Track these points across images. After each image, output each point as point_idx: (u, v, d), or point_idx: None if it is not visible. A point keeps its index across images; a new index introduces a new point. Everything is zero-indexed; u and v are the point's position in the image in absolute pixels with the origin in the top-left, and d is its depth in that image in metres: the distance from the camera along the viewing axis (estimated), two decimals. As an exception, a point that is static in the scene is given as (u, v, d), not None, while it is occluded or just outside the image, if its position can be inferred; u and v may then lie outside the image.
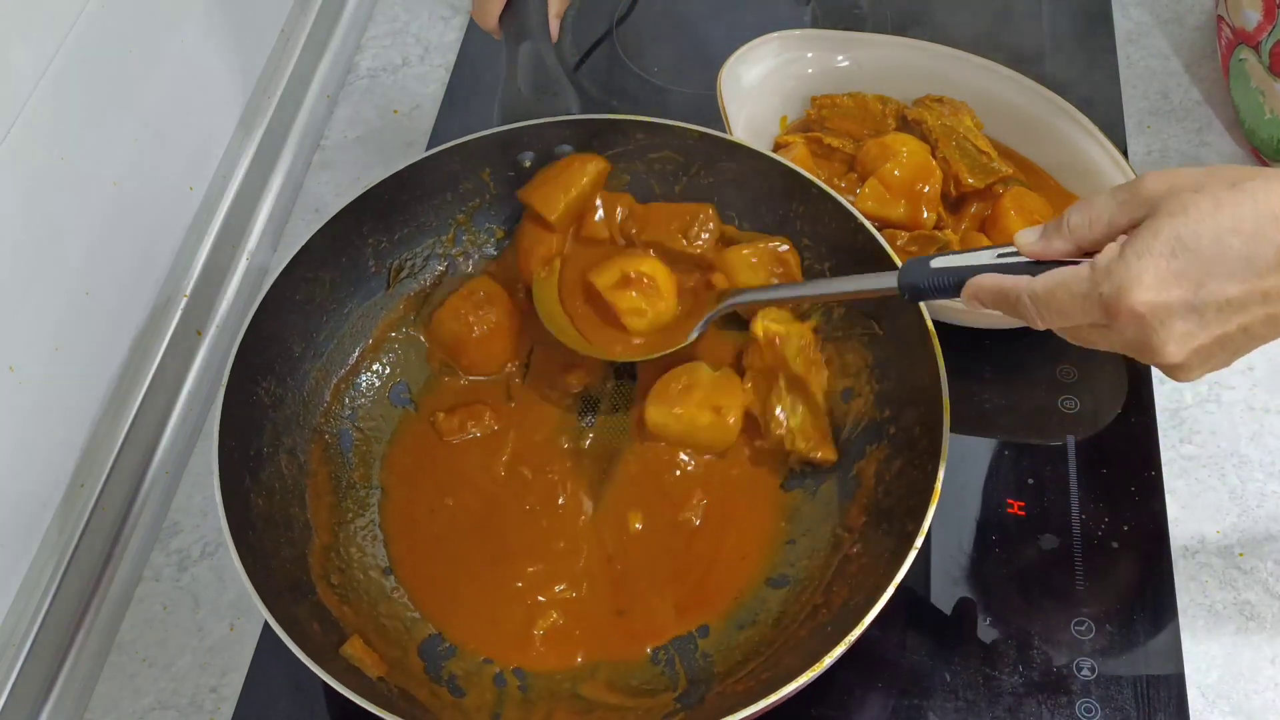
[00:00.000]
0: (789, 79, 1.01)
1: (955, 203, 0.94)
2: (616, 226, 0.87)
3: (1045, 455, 0.86)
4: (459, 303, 0.87)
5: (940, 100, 0.98)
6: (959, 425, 0.82)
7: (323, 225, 0.82)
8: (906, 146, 0.93)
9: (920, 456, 0.74)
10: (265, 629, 0.82)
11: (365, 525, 0.82)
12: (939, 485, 0.70)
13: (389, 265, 0.87)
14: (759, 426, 0.83)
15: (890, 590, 0.67)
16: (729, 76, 0.96)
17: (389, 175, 0.84)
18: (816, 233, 0.84)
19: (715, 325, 0.84)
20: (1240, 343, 0.61)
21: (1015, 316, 0.65)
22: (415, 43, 1.18)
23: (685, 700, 0.74)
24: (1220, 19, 1.04)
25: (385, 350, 0.88)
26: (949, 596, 0.81)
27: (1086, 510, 0.83)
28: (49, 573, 0.79)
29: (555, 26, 0.88)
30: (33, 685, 0.77)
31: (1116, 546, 0.82)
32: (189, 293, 0.93)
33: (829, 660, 0.65)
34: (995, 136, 0.98)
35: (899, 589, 0.67)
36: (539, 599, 0.79)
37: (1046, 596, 0.80)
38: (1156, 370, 0.71)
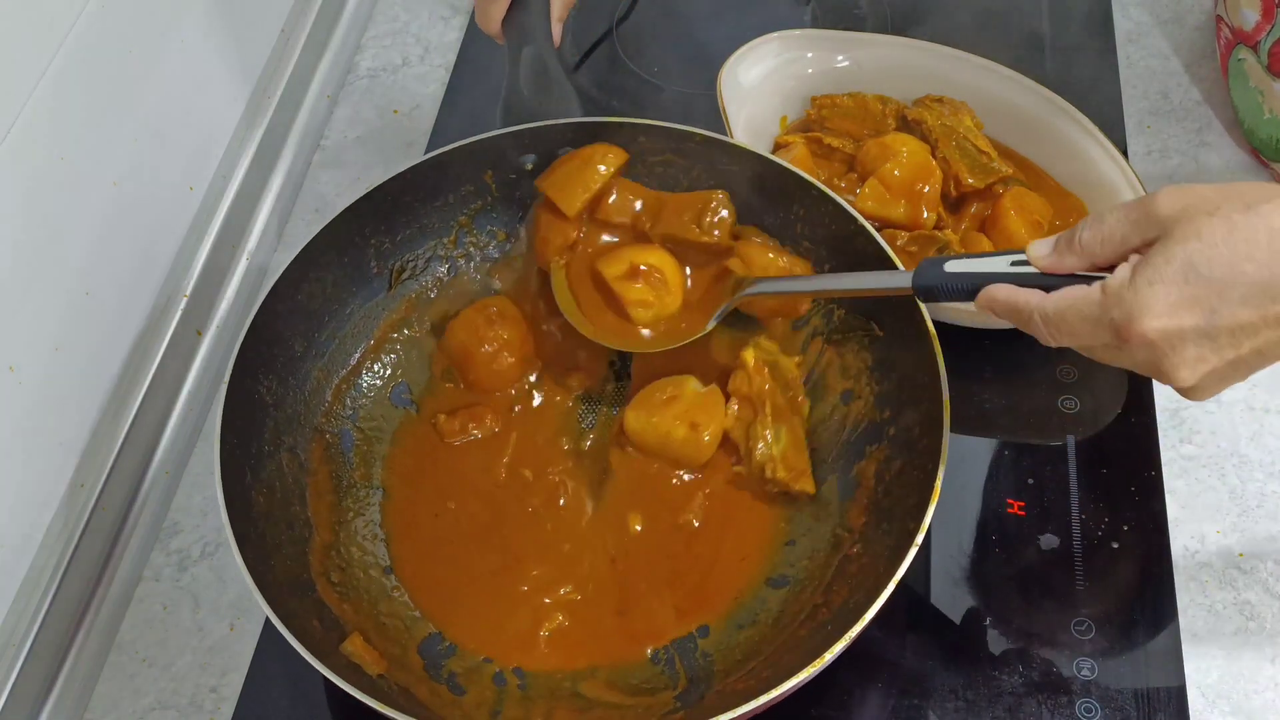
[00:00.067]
0: (789, 79, 1.01)
1: (955, 203, 0.94)
2: (631, 212, 0.86)
3: (1045, 455, 0.86)
4: (473, 315, 0.87)
5: (940, 100, 0.98)
6: (959, 425, 0.82)
7: (325, 226, 0.82)
8: (906, 146, 0.93)
9: (920, 456, 0.74)
10: (265, 629, 0.82)
11: (366, 525, 0.82)
12: (939, 484, 0.70)
13: (391, 266, 0.87)
14: (739, 451, 0.83)
15: (890, 588, 0.67)
16: (729, 76, 0.96)
17: (391, 176, 0.84)
18: (817, 235, 0.84)
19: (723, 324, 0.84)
20: (1254, 364, 0.60)
21: (1027, 331, 0.65)
22: (415, 43, 1.18)
23: (685, 699, 0.74)
24: (1219, 19, 1.04)
25: (386, 351, 0.88)
26: (949, 596, 0.81)
27: (1086, 510, 0.83)
28: (49, 573, 0.79)
29: (558, 31, 0.88)
30: (33, 685, 0.77)
31: (1116, 546, 0.82)
32: (189, 293, 0.93)
33: (829, 656, 0.65)
34: (995, 136, 0.98)
35: (899, 588, 0.67)
36: (544, 601, 0.79)
37: (1046, 596, 0.80)
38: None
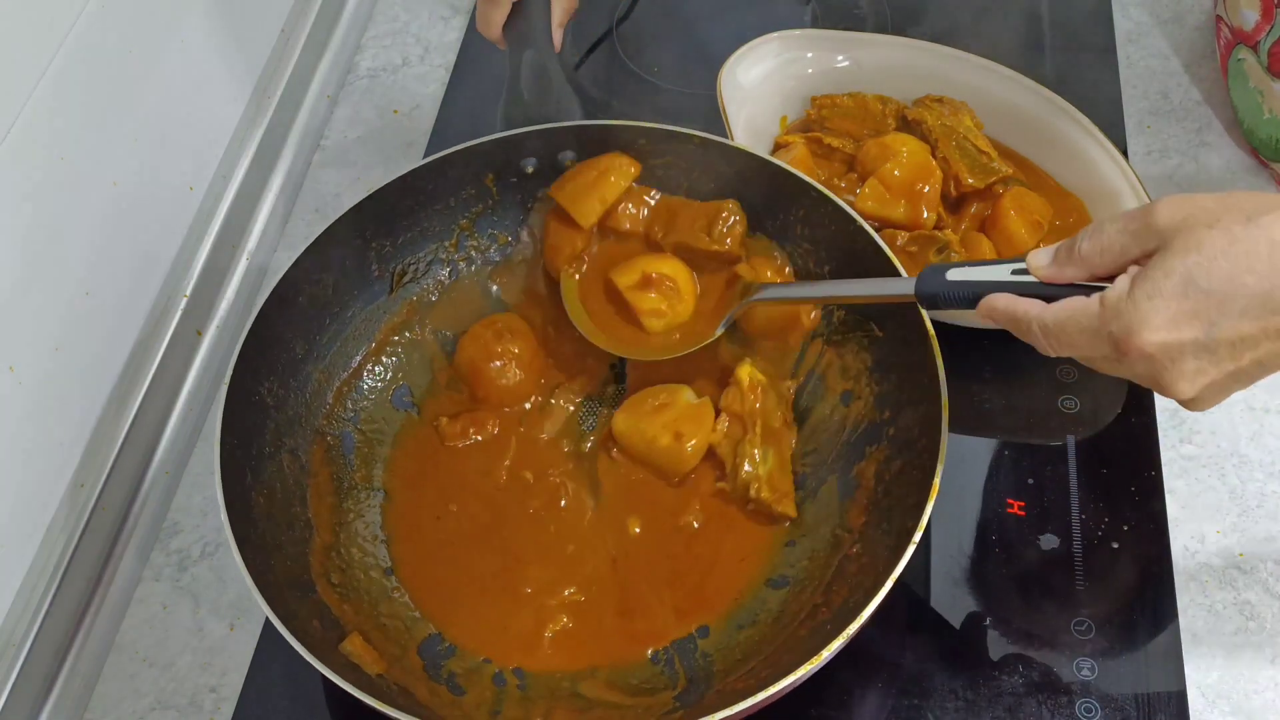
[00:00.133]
0: (789, 79, 1.01)
1: (955, 203, 0.94)
2: (641, 221, 0.87)
3: (1045, 455, 0.86)
4: (482, 330, 0.87)
5: (940, 100, 0.98)
6: (959, 425, 0.82)
7: (326, 228, 0.82)
8: (906, 146, 0.93)
9: (919, 456, 0.74)
10: (265, 629, 0.82)
11: (367, 526, 0.82)
12: (937, 483, 0.70)
13: (392, 269, 0.87)
14: (724, 468, 0.83)
15: (888, 586, 0.67)
16: (729, 76, 0.96)
17: (392, 179, 0.84)
18: (817, 237, 0.84)
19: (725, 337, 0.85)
20: (1254, 374, 0.60)
21: (1026, 341, 0.65)
22: (415, 43, 1.18)
23: (684, 699, 0.74)
24: (1219, 19, 1.04)
25: (388, 354, 0.88)
26: (949, 596, 0.81)
27: (1086, 510, 0.83)
28: (49, 573, 0.79)
29: (559, 36, 0.88)
30: (33, 685, 0.77)
31: (1116, 546, 0.82)
32: (189, 293, 0.93)
33: (827, 654, 0.65)
34: (995, 136, 0.98)
35: (899, 589, 0.67)
36: (548, 602, 0.79)
37: (1046, 596, 0.80)
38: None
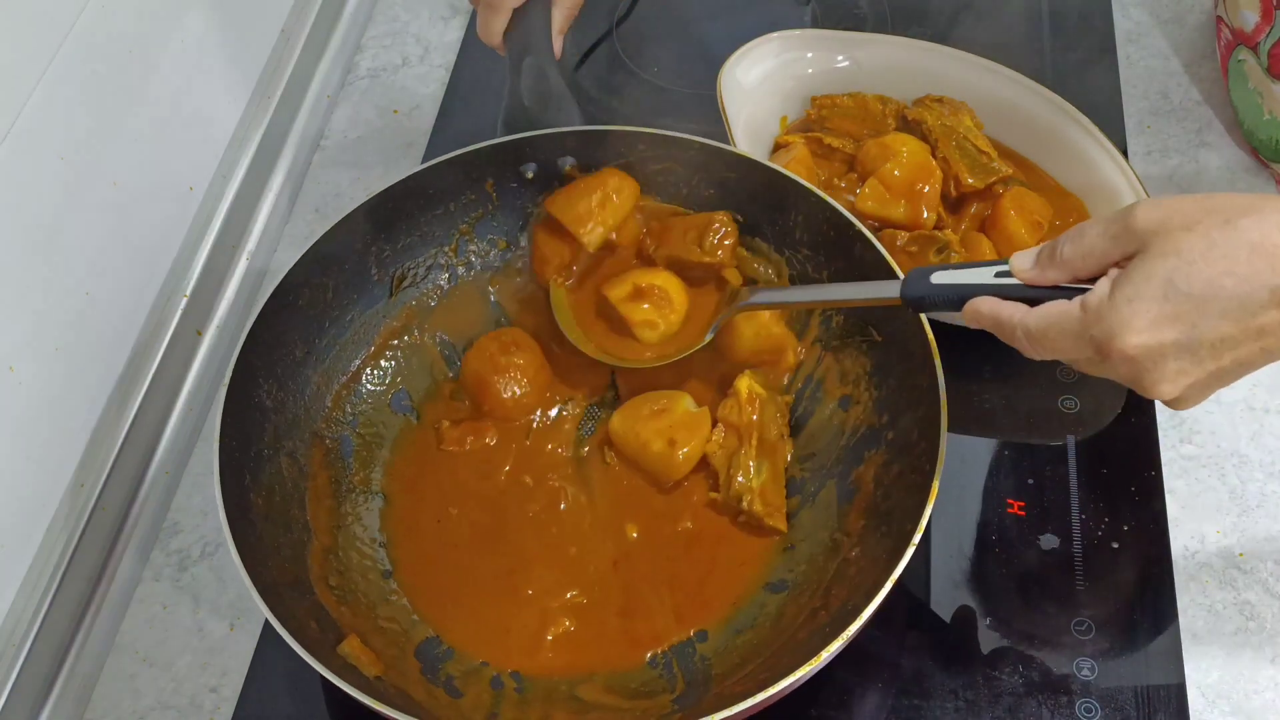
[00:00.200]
0: (789, 79, 1.01)
1: (955, 203, 0.94)
2: (636, 237, 0.87)
3: (1045, 455, 0.86)
4: (488, 343, 0.87)
5: (940, 100, 0.98)
6: (959, 426, 0.82)
7: (325, 232, 0.82)
8: (906, 146, 0.93)
9: (918, 459, 0.74)
10: (265, 629, 0.82)
11: (365, 530, 0.82)
12: (936, 486, 0.70)
13: (392, 274, 0.87)
14: (717, 479, 0.82)
15: (886, 588, 0.67)
16: (729, 76, 0.96)
17: (392, 184, 0.84)
18: (816, 241, 0.84)
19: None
20: (1236, 373, 0.61)
21: (1011, 344, 0.66)
22: (415, 43, 1.18)
23: (682, 702, 0.74)
24: (1219, 20, 1.04)
25: (387, 358, 0.88)
26: (949, 597, 0.81)
27: (1086, 510, 0.83)
28: (49, 573, 0.79)
29: (559, 43, 0.88)
30: (33, 685, 0.77)
31: (1116, 547, 0.82)
32: (189, 293, 0.93)
33: (825, 656, 0.65)
34: (995, 136, 0.98)
35: (899, 589, 0.67)
36: (551, 605, 0.79)
37: (1046, 597, 0.80)
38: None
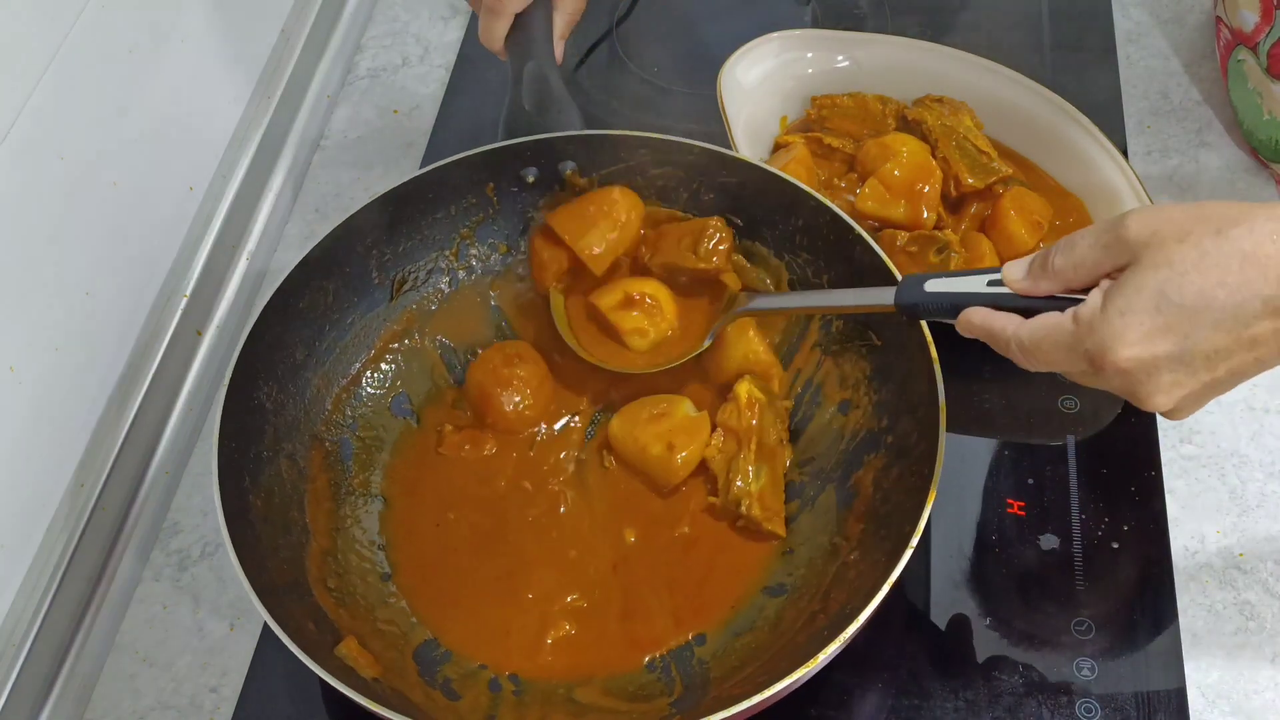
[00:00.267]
0: (789, 79, 1.01)
1: (955, 203, 0.94)
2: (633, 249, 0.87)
3: (1045, 455, 0.86)
4: (492, 355, 0.87)
5: (940, 100, 0.98)
6: (959, 426, 0.82)
7: (326, 235, 0.81)
8: (906, 146, 0.93)
9: (917, 461, 0.74)
10: (265, 629, 0.82)
11: (364, 532, 0.82)
12: (934, 488, 0.70)
13: (392, 277, 0.87)
14: (716, 483, 0.82)
15: (884, 591, 0.67)
16: (729, 76, 0.96)
17: (393, 187, 0.84)
18: (816, 246, 0.84)
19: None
20: (1230, 383, 0.61)
21: (1005, 356, 0.66)
22: (415, 43, 1.18)
23: (680, 705, 0.74)
24: (1219, 20, 1.04)
25: (387, 361, 0.87)
26: (949, 597, 0.81)
27: (1086, 510, 0.83)
28: (49, 573, 0.79)
29: (560, 49, 0.88)
30: (33, 685, 0.77)
31: (1116, 547, 0.82)
32: (189, 293, 0.93)
33: (823, 658, 0.65)
34: (995, 136, 0.98)
35: (899, 590, 0.67)
36: (551, 608, 0.79)
37: (1046, 597, 0.80)
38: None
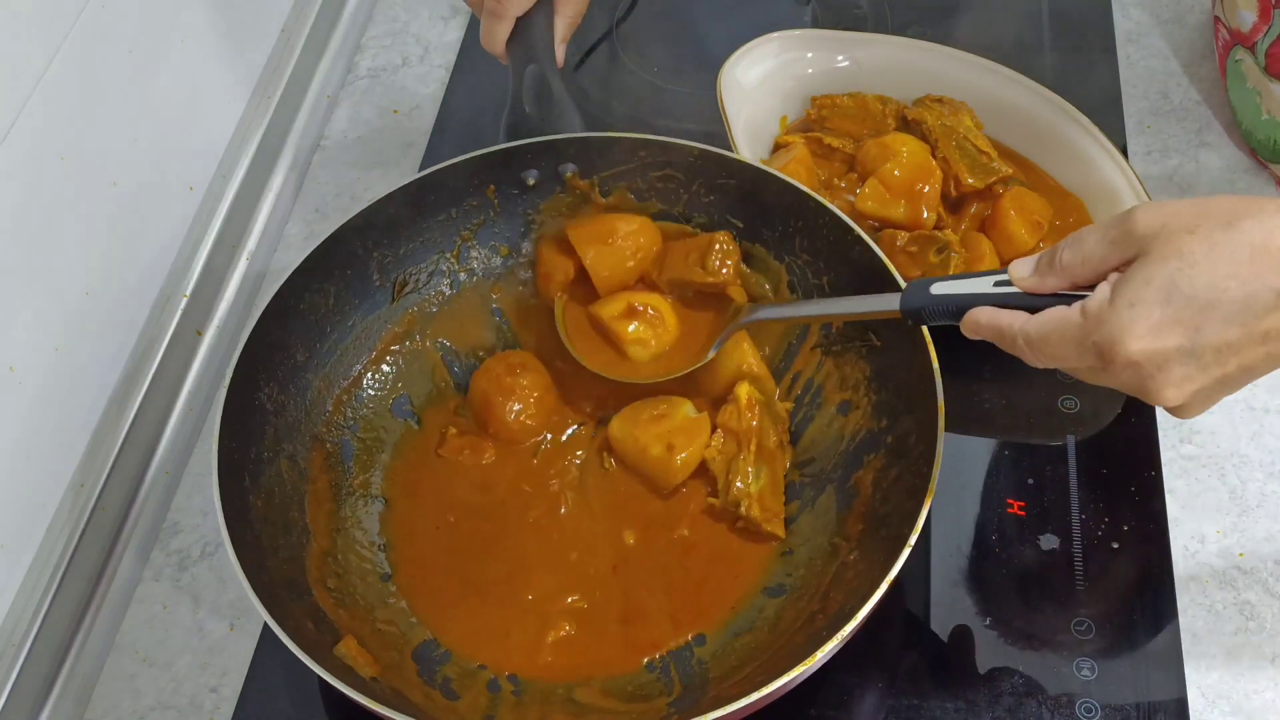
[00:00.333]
0: (789, 79, 1.01)
1: (955, 203, 0.94)
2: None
3: (1045, 455, 0.86)
4: (494, 364, 0.87)
5: (940, 100, 0.98)
6: (959, 426, 0.82)
7: (327, 236, 0.81)
8: (906, 146, 0.93)
9: (916, 462, 0.74)
10: (265, 629, 0.82)
11: (365, 533, 0.82)
12: (933, 487, 0.70)
13: (393, 279, 0.87)
14: (716, 484, 0.82)
15: (882, 589, 0.67)
16: (729, 76, 0.96)
17: (393, 190, 0.83)
18: (816, 247, 0.84)
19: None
20: (1241, 380, 0.60)
21: (1012, 353, 0.65)
22: (415, 43, 1.18)
23: (679, 705, 0.74)
24: (1217, 20, 1.04)
25: (388, 363, 0.87)
26: (949, 597, 0.81)
27: (1086, 510, 0.83)
28: (49, 573, 0.79)
29: (561, 52, 0.88)
30: (33, 685, 0.77)
31: (1116, 546, 0.82)
32: (189, 293, 0.93)
33: (820, 656, 0.65)
34: (995, 136, 0.98)
35: (898, 589, 0.67)
36: (552, 609, 0.79)
37: (1046, 597, 0.80)
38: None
